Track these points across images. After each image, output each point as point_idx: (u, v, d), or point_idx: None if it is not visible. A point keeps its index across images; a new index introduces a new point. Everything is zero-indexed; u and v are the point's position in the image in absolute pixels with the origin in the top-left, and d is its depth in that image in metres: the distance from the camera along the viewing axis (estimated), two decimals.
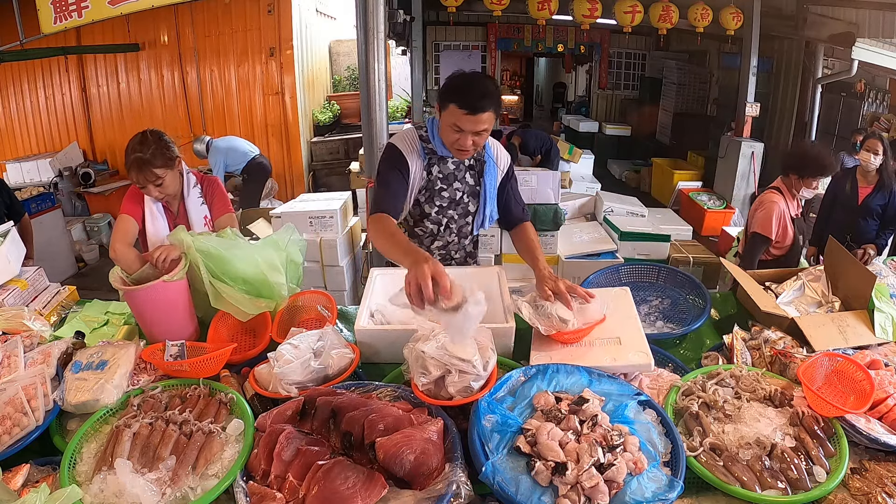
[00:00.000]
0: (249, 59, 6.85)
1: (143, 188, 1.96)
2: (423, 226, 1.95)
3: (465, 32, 8.47)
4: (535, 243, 1.85)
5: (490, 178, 1.92)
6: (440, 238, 1.98)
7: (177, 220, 2.08)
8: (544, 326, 1.46)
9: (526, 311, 1.51)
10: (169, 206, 2.09)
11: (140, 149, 1.91)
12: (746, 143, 6.23)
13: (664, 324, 1.81)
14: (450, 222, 1.95)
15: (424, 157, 1.84)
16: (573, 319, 1.46)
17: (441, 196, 1.89)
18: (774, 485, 1.08)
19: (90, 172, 6.56)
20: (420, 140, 1.84)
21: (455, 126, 1.68)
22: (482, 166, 1.92)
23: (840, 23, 5.23)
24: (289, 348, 1.41)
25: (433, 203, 1.90)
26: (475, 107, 1.63)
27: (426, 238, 1.97)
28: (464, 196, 1.93)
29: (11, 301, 1.88)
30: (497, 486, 1.01)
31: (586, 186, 6.00)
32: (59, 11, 3.98)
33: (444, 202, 1.91)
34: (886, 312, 1.65)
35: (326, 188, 7.06)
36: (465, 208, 1.95)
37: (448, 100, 1.67)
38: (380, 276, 1.81)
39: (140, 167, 1.90)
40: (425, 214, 1.92)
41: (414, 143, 1.83)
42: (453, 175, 1.89)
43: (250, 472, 1.10)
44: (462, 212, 1.95)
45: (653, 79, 9.08)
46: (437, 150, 1.83)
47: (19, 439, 1.20)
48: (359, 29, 2.77)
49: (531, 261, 1.76)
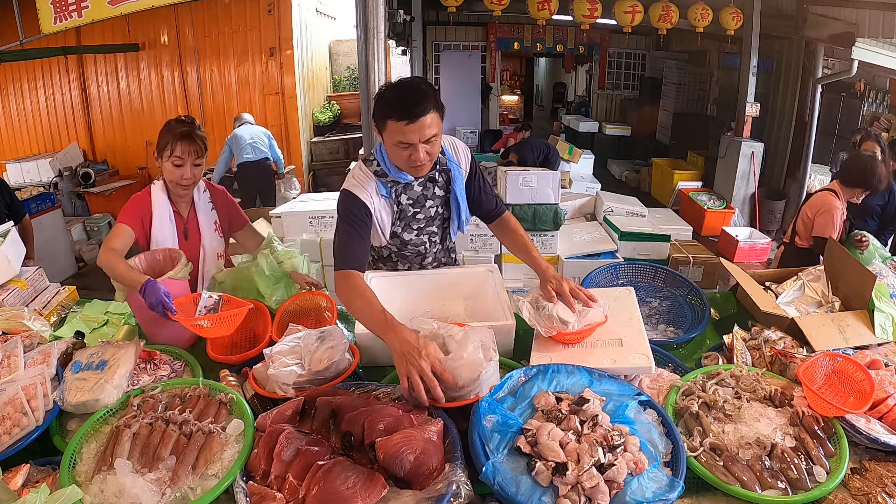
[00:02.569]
0: (249, 59, 6.86)
1: (178, 166, 1.90)
2: (408, 250, 1.87)
3: (465, 32, 8.48)
4: (525, 240, 1.79)
5: (458, 184, 1.79)
6: (428, 254, 1.91)
7: (187, 225, 2.03)
8: (545, 328, 1.45)
9: (527, 311, 1.50)
10: (179, 212, 2.03)
11: (184, 125, 1.91)
12: (746, 143, 6.23)
13: (666, 327, 1.80)
14: (432, 237, 1.88)
15: (386, 191, 1.70)
16: (574, 321, 1.45)
17: (416, 220, 1.80)
18: (774, 485, 1.08)
19: (90, 172, 6.57)
20: (375, 176, 1.69)
21: (401, 143, 1.53)
22: (448, 175, 1.78)
23: (840, 23, 5.23)
24: (284, 348, 1.41)
25: (411, 229, 1.81)
26: (412, 113, 1.47)
27: (415, 258, 1.90)
28: (439, 208, 1.82)
29: (11, 301, 1.88)
30: (497, 487, 1.01)
31: (586, 186, 6.00)
32: (59, 11, 3.98)
33: (422, 223, 1.82)
34: (886, 312, 1.65)
35: (326, 188, 7.06)
36: (443, 218, 1.87)
37: (383, 117, 1.52)
38: (374, 278, 1.80)
39: (189, 138, 1.89)
40: (405, 242, 1.83)
41: (368, 181, 1.68)
42: (423, 196, 1.77)
43: (250, 472, 1.10)
44: (441, 223, 1.88)
45: (653, 79, 9.09)
46: (398, 179, 1.69)
47: (19, 439, 1.20)
48: (359, 29, 2.77)
49: (530, 261, 1.72)
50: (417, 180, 1.73)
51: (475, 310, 1.77)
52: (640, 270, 2.05)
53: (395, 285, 1.82)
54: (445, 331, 1.33)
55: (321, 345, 1.42)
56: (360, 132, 5.46)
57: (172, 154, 1.89)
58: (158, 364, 1.49)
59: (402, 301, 1.77)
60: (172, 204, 2.00)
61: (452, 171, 1.77)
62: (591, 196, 5.05)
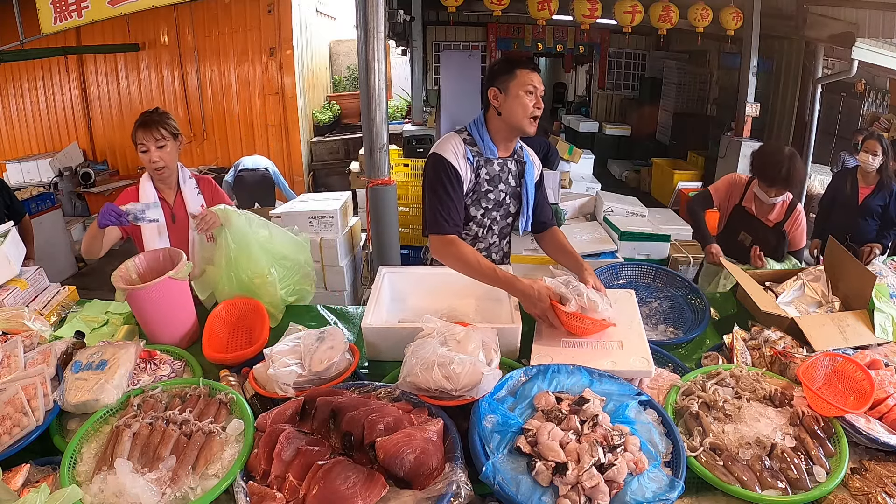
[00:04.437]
0: (249, 59, 6.85)
1: (144, 152, 2.02)
2: (468, 228, 1.94)
3: (465, 32, 8.46)
4: (570, 246, 1.90)
5: (530, 178, 1.95)
6: (482, 240, 1.98)
7: (174, 210, 2.12)
8: (574, 301, 1.46)
9: (555, 282, 1.52)
10: (165, 198, 2.11)
11: (149, 113, 2.04)
12: (746, 143, 6.22)
13: (666, 327, 1.80)
14: (493, 224, 1.95)
15: (472, 158, 1.84)
16: (604, 304, 1.48)
17: (487, 198, 1.89)
18: (774, 485, 1.08)
19: (90, 172, 6.57)
20: (465, 144, 1.84)
21: (530, 88, 1.75)
22: (523, 167, 1.95)
23: (840, 23, 5.23)
24: (284, 348, 1.41)
25: (479, 205, 1.90)
26: (535, 65, 1.79)
27: (468, 241, 1.95)
28: (506, 197, 1.93)
29: (11, 301, 1.88)
30: (497, 487, 1.01)
31: (586, 186, 5.98)
32: (59, 11, 3.97)
33: (490, 204, 1.91)
34: (886, 312, 1.65)
35: (326, 188, 7.06)
36: (507, 209, 1.96)
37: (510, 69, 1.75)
38: (388, 273, 1.81)
39: (147, 124, 2.00)
40: (470, 217, 1.91)
41: (458, 146, 1.83)
42: (499, 177, 1.89)
43: (250, 472, 1.10)
44: (504, 213, 1.96)
45: (653, 79, 9.07)
46: (483, 151, 1.84)
47: (19, 439, 1.20)
48: (359, 29, 2.76)
49: (571, 261, 1.80)
50: (498, 160, 1.88)
51: (485, 311, 1.77)
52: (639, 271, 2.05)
53: (409, 282, 1.84)
54: (447, 330, 1.33)
55: (321, 345, 1.42)
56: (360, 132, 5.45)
57: (137, 143, 2.01)
58: (158, 364, 1.49)
59: (415, 298, 1.80)
60: (158, 191, 2.10)
61: (527, 164, 1.96)
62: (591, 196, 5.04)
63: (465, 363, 1.19)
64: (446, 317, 1.56)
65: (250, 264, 1.82)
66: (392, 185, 3.07)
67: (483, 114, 1.88)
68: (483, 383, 1.19)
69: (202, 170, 6.51)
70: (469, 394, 1.19)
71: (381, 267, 1.85)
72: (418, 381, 1.20)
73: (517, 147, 1.95)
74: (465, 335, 1.29)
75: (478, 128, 1.86)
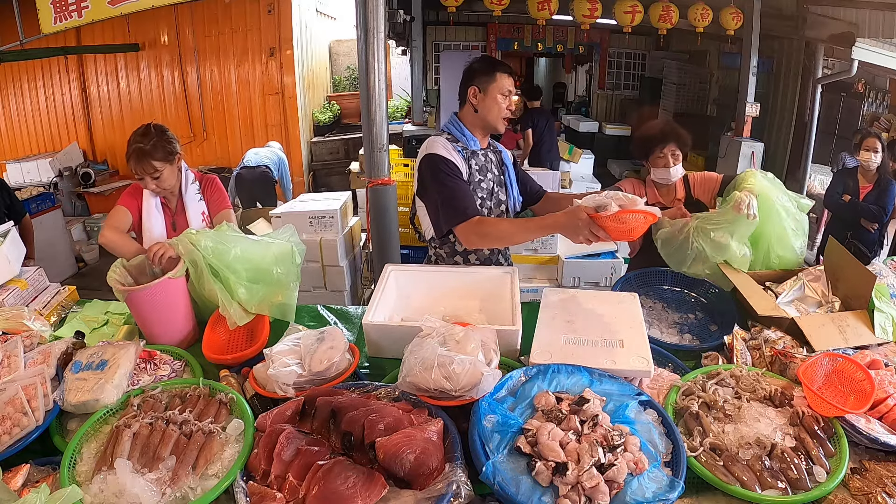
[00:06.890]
0: (249, 59, 6.86)
1: (140, 180, 1.98)
2: None
3: (465, 32, 8.46)
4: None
5: (508, 162, 2.08)
6: None
7: (175, 217, 2.09)
8: (613, 203, 1.43)
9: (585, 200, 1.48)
10: (167, 203, 2.09)
11: (142, 140, 1.93)
12: (746, 143, 6.22)
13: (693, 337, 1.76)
14: (488, 214, 1.99)
15: (462, 154, 1.92)
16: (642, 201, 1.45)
17: (481, 188, 1.96)
18: (774, 485, 1.08)
19: (90, 172, 6.57)
20: (450, 142, 1.92)
21: (506, 92, 1.88)
22: (500, 155, 2.07)
23: (840, 23, 5.23)
24: (284, 348, 1.41)
25: (476, 196, 1.95)
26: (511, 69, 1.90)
27: None
28: (494, 186, 2.00)
29: (11, 301, 1.88)
30: (497, 487, 1.01)
31: (586, 186, 5.99)
32: (59, 11, 3.97)
33: (484, 193, 1.97)
34: (886, 312, 1.64)
35: (326, 188, 7.06)
36: (498, 198, 2.02)
37: (490, 71, 1.87)
38: (394, 271, 1.81)
39: (139, 158, 1.92)
40: None
41: (447, 143, 1.90)
42: (485, 167, 1.98)
43: (250, 472, 1.10)
44: (496, 202, 2.02)
45: (653, 79, 9.07)
46: (467, 145, 1.94)
47: (19, 439, 1.20)
48: (359, 29, 2.76)
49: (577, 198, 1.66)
50: (482, 151, 1.99)
51: (489, 311, 1.76)
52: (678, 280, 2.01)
53: (413, 280, 1.83)
54: (447, 330, 1.33)
55: (321, 345, 1.42)
56: (360, 132, 5.45)
57: (132, 171, 1.96)
58: (158, 364, 1.49)
59: (419, 297, 1.79)
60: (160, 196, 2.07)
61: (503, 153, 2.09)
62: None
63: (465, 363, 1.19)
64: (449, 317, 1.56)
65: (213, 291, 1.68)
66: (392, 185, 3.07)
67: (458, 111, 2.00)
68: (483, 383, 1.19)
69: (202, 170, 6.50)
70: (469, 394, 1.19)
71: (388, 265, 1.85)
72: (418, 381, 1.20)
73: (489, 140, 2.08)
74: (464, 335, 1.29)
75: (455, 126, 1.96)
